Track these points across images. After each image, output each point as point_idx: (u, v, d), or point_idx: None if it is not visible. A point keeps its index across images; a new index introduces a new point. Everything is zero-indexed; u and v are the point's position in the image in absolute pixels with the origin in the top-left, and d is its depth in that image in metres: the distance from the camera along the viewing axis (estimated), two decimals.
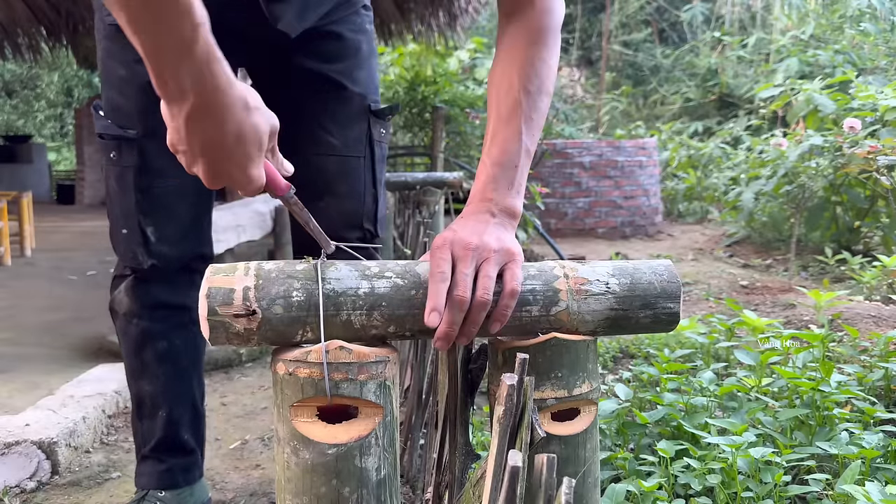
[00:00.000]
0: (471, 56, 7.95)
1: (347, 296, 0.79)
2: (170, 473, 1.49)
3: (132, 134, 1.30)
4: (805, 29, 8.68)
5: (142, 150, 1.30)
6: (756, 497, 1.37)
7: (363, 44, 1.41)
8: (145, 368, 1.46)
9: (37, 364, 2.79)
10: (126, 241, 1.37)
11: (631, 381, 2.14)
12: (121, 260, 1.42)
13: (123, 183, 1.33)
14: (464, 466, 1.06)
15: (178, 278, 1.42)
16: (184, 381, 1.49)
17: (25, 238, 5.65)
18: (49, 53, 7.26)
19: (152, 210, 1.35)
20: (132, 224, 1.35)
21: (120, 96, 1.31)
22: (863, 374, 1.91)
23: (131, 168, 1.32)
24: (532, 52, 0.96)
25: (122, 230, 1.37)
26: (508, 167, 0.91)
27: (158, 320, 1.43)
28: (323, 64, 1.37)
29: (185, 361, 1.48)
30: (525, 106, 0.93)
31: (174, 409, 1.48)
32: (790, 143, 4.73)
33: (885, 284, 3.35)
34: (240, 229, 3.42)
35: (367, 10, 1.46)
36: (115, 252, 1.43)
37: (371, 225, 1.43)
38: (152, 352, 1.44)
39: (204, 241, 1.46)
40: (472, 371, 1.06)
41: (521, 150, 0.92)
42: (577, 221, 6.44)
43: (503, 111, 0.94)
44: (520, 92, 0.94)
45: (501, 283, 0.83)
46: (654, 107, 11.46)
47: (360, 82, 1.40)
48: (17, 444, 1.86)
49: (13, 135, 13.33)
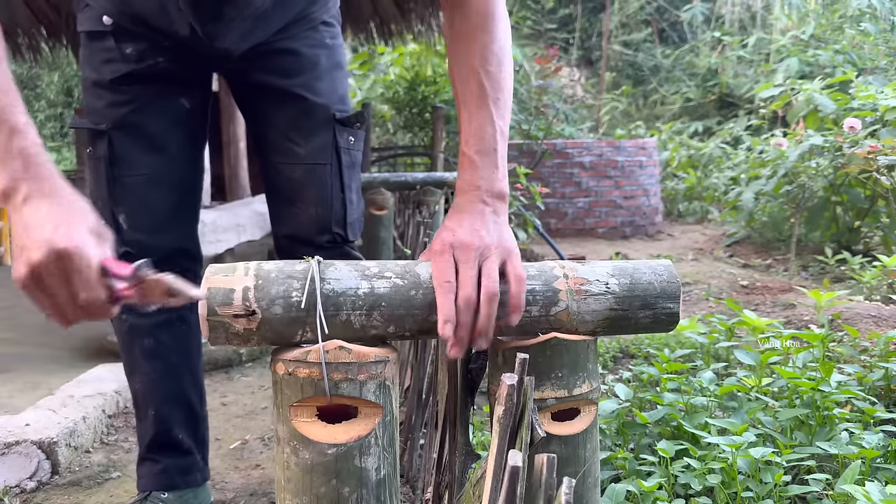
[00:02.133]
0: None
1: (347, 296, 0.79)
2: (166, 474, 1.49)
3: (102, 127, 1.36)
4: (805, 29, 8.68)
5: (111, 141, 1.37)
6: (756, 497, 1.37)
7: (322, 58, 1.46)
8: (134, 366, 1.47)
9: (37, 364, 2.79)
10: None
11: (631, 381, 2.14)
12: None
13: (98, 175, 1.38)
14: (464, 466, 1.06)
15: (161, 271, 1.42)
16: (173, 378, 1.49)
17: None
18: (49, 53, 7.26)
19: (123, 198, 1.38)
20: (106, 214, 1.37)
21: (91, 96, 1.40)
22: (863, 374, 1.91)
23: (103, 159, 1.37)
24: (485, 36, 0.99)
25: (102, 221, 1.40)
26: (488, 153, 0.94)
27: (143, 316, 1.44)
28: (281, 79, 1.43)
29: (173, 358, 1.48)
30: (489, 88, 0.96)
31: (163, 406, 1.48)
32: (790, 143, 4.73)
33: (885, 284, 3.35)
34: (240, 229, 3.42)
35: (327, 25, 1.49)
36: None
37: (340, 229, 1.48)
38: (139, 348, 1.45)
39: (184, 235, 1.47)
40: (472, 371, 1.06)
41: (496, 134, 0.94)
42: (577, 221, 6.44)
43: (470, 99, 0.96)
44: (481, 76, 0.96)
45: (505, 277, 0.84)
46: (654, 107, 11.46)
47: (321, 93, 1.44)
48: (17, 444, 1.86)
49: None
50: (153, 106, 1.40)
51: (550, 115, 6.55)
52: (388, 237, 3.24)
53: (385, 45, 6.42)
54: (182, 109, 1.44)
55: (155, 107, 1.40)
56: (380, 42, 6.03)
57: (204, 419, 1.57)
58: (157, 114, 1.41)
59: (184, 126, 1.45)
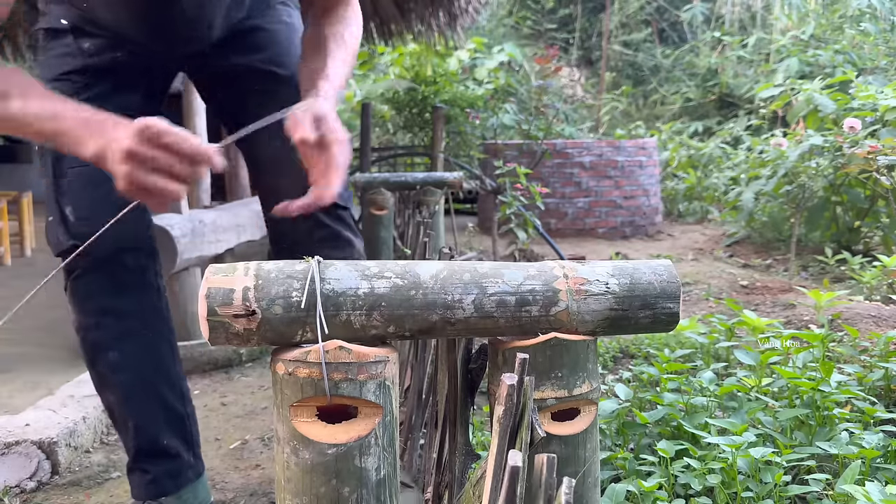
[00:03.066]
0: (471, 56, 7.96)
1: (347, 296, 0.79)
2: (156, 484, 1.46)
3: None
4: (805, 29, 8.68)
5: None
6: (756, 497, 1.37)
7: (282, 34, 1.52)
8: (102, 380, 1.43)
9: (37, 364, 2.79)
10: (52, 227, 1.38)
11: (631, 381, 2.14)
12: (54, 250, 1.40)
13: (46, 169, 1.38)
14: (464, 466, 1.06)
15: (112, 275, 1.39)
16: (146, 387, 1.44)
17: (25, 238, 5.65)
18: None
19: (68, 190, 1.37)
20: (54, 208, 1.37)
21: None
22: (863, 374, 1.91)
23: (48, 154, 1.37)
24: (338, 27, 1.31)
25: (50, 217, 1.39)
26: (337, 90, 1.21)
27: (105, 329, 1.40)
28: (250, 55, 1.48)
29: (145, 369, 1.43)
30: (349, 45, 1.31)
31: (140, 417, 1.43)
32: (790, 143, 4.73)
33: (885, 284, 3.35)
34: (240, 229, 3.42)
35: (284, 4, 1.56)
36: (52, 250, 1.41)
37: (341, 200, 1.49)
38: (104, 363, 1.41)
39: (130, 236, 1.40)
40: (472, 371, 1.06)
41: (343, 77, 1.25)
42: (577, 221, 6.44)
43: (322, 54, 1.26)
44: (342, 38, 1.30)
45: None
46: (654, 107, 11.46)
47: (288, 66, 1.49)
48: (17, 444, 1.86)
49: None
50: (107, 100, 1.31)
51: (550, 115, 6.54)
52: (388, 237, 3.24)
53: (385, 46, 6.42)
54: (136, 104, 1.40)
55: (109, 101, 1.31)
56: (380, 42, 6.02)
57: (189, 416, 1.53)
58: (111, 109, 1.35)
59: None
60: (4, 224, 5.29)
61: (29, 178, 10.92)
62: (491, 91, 7.56)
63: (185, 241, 2.82)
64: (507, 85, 7.79)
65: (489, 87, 7.59)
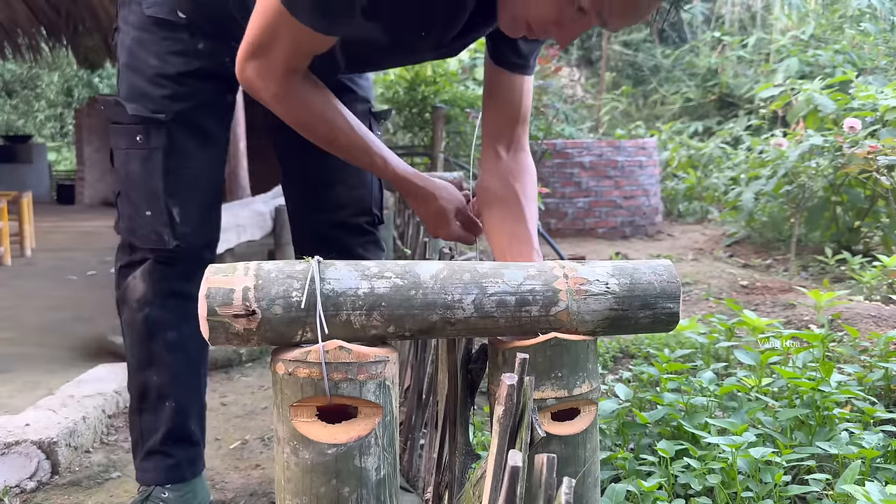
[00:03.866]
0: (471, 56, 7.95)
1: (347, 296, 0.79)
2: (177, 468, 1.49)
3: (162, 118, 1.36)
4: (805, 29, 8.67)
5: (170, 133, 1.36)
6: (756, 497, 1.37)
7: None
8: (154, 359, 1.46)
9: (37, 364, 2.79)
10: (151, 223, 1.39)
11: (631, 381, 2.14)
12: (140, 244, 1.42)
13: (150, 165, 1.37)
14: (464, 466, 1.06)
15: (190, 266, 1.43)
16: (193, 371, 1.51)
17: (25, 238, 5.65)
18: (49, 53, 7.26)
19: (178, 191, 1.39)
20: (157, 205, 1.37)
21: (149, 84, 1.37)
22: (863, 374, 1.91)
23: (160, 150, 1.36)
24: (533, 185, 1.31)
25: (147, 212, 1.39)
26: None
27: (170, 310, 1.44)
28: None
29: (193, 352, 1.50)
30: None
31: (182, 398, 1.48)
32: (790, 143, 4.73)
33: (885, 284, 3.35)
34: (240, 229, 3.42)
35: None
36: (132, 237, 1.43)
37: (378, 210, 1.58)
38: (162, 342, 1.45)
39: (216, 227, 1.51)
40: (472, 371, 1.06)
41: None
42: (577, 221, 6.44)
43: (532, 220, 1.25)
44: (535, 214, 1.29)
45: None
46: (654, 107, 11.45)
47: (363, 87, 1.54)
48: (17, 444, 1.86)
49: (13, 135, 13.32)
50: (212, 103, 1.41)
51: (550, 115, 6.54)
52: (388, 237, 3.24)
53: None
54: (229, 107, 1.48)
55: (213, 104, 1.42)
56: None
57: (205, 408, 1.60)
58: (214, 110, 1.43)
59: (228, 123, 1.49)
60: (4, 224, 5.29)
61: (29, 178, 10.94)
62: None
63: None
64: None
65: None
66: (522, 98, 1.30)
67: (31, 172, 11.21)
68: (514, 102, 1.30)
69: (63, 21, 6.43)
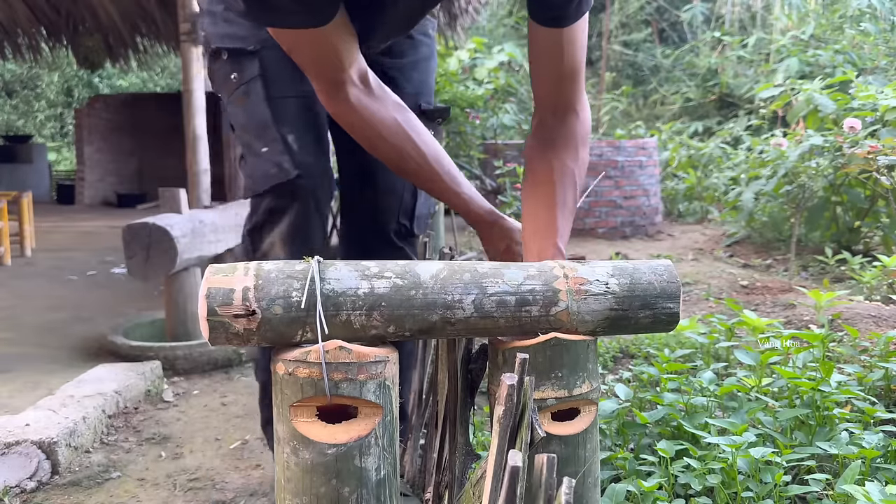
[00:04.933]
0: (471, 56, 7.95)
1: (347, 296, 0.79)
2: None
3: (252, 47, 1.30)
4: (805, 29, 8.67)
5: (262, 60, 1.29)
6: (756, 497, 1.37)
7: (423, 45, 1.45)
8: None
9: (37, 364, 2.79)
10: (269, 156, 1.29)
11: (631, 381, 2.14)
12: (262, 186, 1.30)
13: (252, 98, 1.30)
14: (464, 466, 1.06)
15: (319, 211, 1.33)
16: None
17: (25, 238, 5.65)
18: (49, 53, 7.26)
19: (287, 118, 1.30)
20: (272, 135, 1.28)
21: (230, 25, 1.32)
22: (863, 374, 1.91)
23: (257, 78, 1.30)
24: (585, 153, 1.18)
25: (263, 149, 1.29)
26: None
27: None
28: (383, 57, 1.38)
29: None
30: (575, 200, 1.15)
31: None
32: (790, 143, 4.73)
33: (885, 284, 3.35)
34: (240, 229, 3.42)
35: (425, 35, 1.48)
36: (254, 185, 1.32)
37: (407, 220, 1.47)
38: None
39: (329, 161, 1.38)
40: (472, 371, 1.06)
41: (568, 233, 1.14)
42: (577, 221, 6.44)
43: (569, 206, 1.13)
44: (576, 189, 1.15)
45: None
46: (654, 107, 11.45)
47: (412, 82, 1.43)
48: (17, 444, 1.86)
49: (13, 135, 13.32)
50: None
51: None
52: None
53: None
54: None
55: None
56: None
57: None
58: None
59: None
60: (4, 224, 5.29)
61: (29, 178, 10.94)
62: (491, 91, 7.55)
63: (185, 241, 2.82)
64: (507, 85, 7.78)
65: (489, 87, 7.58)
66: (564, 53, 1.13)
67: (31, 172, 11.22)
68: (555, 59, 1.14)
69: (63, 21, 6.43)
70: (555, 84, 1.15)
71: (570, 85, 1.15)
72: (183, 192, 3.03)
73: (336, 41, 1.05)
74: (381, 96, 1.13)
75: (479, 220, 1.23)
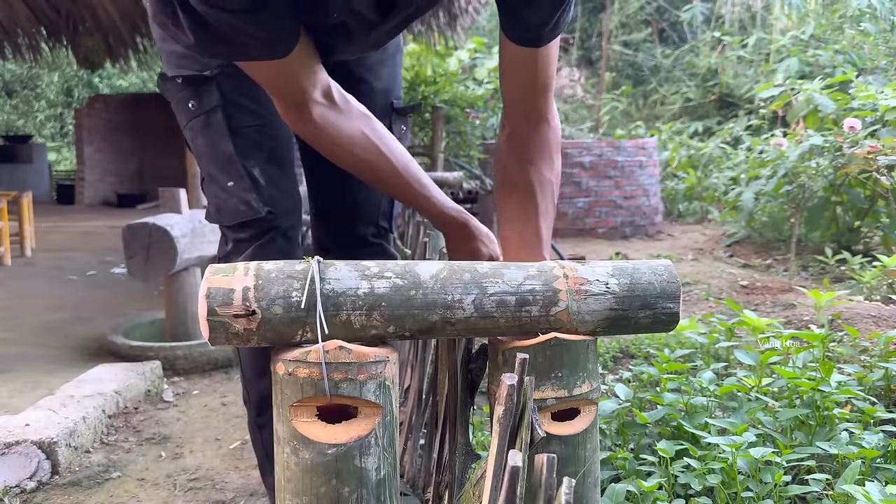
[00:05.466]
0: (471, 56, 7.95)
1: (347, 296, 0.79)
2: None
3: (208, 73, 1.23)
4: (805, 29, 8.67)
5: (221, 87, 1.24)
6: (756, 497, 1.37)
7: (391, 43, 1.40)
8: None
9: (37, 364, 2.79)
10: (236, 192, 1.24)
11: (631, 381, 2.14)
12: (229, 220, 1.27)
13: (213, 130, 1.24)
14: (464, 466, 1.06)
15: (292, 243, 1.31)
16: None
17: (25, 238, 5.65)
18: (49, 53, 7.26)
19: (253, 150, 1.25)
20: (237, 171, 1.23)
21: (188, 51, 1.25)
22: (863, 374, 1.91)
23: (218, 109, 1.24)
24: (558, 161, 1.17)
25: (228, 183, 1.24)
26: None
27: None
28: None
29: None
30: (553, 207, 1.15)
31: None
32: (790, 143, 4.73)
33: (885, 284, 3.35)
34: None
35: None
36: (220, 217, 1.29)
37: (385, 222, 1.46)
38: None
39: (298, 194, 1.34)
40: (472, 371, 1.06)
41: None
42: (577, 221, 6.44)
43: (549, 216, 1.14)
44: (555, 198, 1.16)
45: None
46: (654, 107, 11.45)
47: (382, 78, 1.40)
48: (17, 444, 1.86)
49: (13, 135, 13.33)
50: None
51: None
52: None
53: None
54: None
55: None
56: None
57: None
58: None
59: None
60: (4, 224, 5.29)
61: (29, 178, 10.94)
62: (491, 91, 7.55)
63: (185, 241, 2.82)
64: None
65: (489, 87, 7.58)
66: (537, 69, 1.13)
67: (31, 172, 11.22)
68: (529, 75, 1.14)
69: (63, 21, 6.43)
70: (527, 96, 1.15)
71: (543, 96, 1.15)
72: (183, 192, 3.03)
73: (296, 69, 1.02)
74: (346, 109, 1.11)
75: (450, 221, 1.22)
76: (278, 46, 0.97)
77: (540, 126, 1.16)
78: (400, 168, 1.15)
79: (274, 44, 0.97)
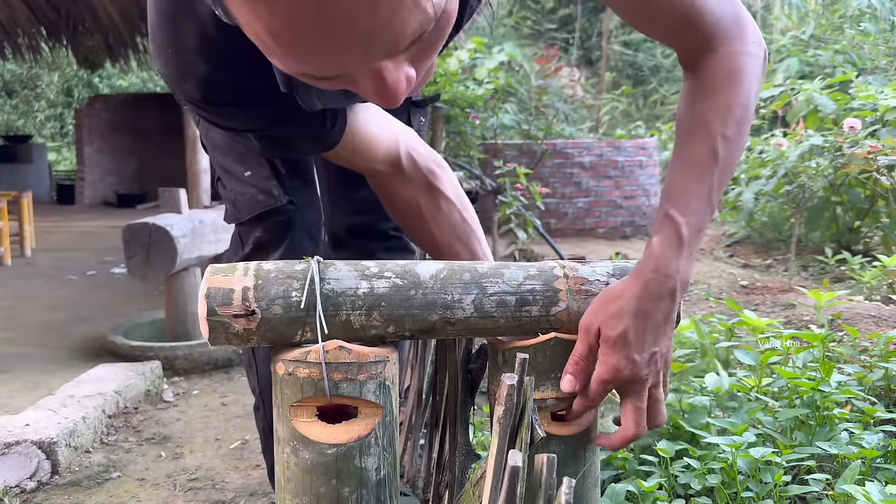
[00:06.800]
0: (471, 56, 7.95)
1: (347, 296, 0.79)
2: None
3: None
4: (805, 29, 8.67)
5: None
6: (756, 497, 1.37)
7: None
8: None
9: (37, 364, 2.79)
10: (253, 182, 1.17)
11: None
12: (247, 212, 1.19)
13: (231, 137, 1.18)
14: (464, 466, 1.06)
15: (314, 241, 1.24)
16: None
17: (25, 238, 5.65)
18: (49, 53, 7.26)
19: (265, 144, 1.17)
20: (255, 160, 1.16)
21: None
22: (863, 374, 1.91)
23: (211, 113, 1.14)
24: (728, 95, 0.89)
25: (245, 173, 1.17)
26: (694, 234, 0.85)
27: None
28: None
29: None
30: (722, 158, 0.87)
31: None
32: (790, 143, 4.73)
33: (885, 284, 3.34)
34: None
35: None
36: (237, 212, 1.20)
37: None
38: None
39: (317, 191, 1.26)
40: (472, 371, 1.06)
41: (707, 214, 0.86)
42: (577, 221, 6.44)
43: (696, 164, 0.87)
44: (717, 142, 0.87)
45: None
46: (654, 107, 11.45)
47: None
48: (17, 444, 1.86)
49: (13, 135, 13.33)
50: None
51: (550, 115, 6.54)
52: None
53: None
54: None
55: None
56: None
57: None
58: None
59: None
60: (4, 224, 5.29)
61: (29, 178, 10.94)
62: (491, 91, 7.55)
63: (185, 241, 2.82)
64: (507, 85, 7.78)
65: (489, 87, 7.58)
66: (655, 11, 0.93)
67: (31, 172, 11.22)
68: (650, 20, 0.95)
69: (63, 21, 6.43)
70: (667, 39, 0.96)
71: (687, 34, 0.92)
72: (183, 192, 3.03)
73: (350, 154, 1.04)
74: (411, 176, 1.10)
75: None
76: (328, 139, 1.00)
77: (705, 58, 0.92)
78: (442, 244, 1.13)
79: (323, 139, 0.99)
